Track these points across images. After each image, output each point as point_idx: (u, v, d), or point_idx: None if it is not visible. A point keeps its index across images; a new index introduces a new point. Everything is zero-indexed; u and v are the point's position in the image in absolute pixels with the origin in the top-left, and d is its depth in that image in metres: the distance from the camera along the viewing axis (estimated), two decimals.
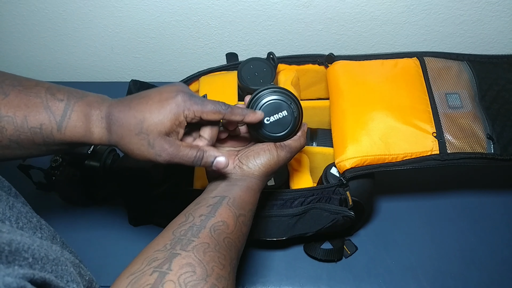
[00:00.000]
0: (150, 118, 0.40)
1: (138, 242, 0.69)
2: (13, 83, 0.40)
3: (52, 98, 0.40)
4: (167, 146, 0.41)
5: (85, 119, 0.41)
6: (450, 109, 0.61)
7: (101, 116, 0.41)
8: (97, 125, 0.41)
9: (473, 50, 0.84)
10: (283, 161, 0.48)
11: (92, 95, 0.43)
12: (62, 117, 0.40)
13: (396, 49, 0.81)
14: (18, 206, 0.34)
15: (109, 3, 0.76)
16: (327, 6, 0.76)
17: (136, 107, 0.41)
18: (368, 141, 0.58)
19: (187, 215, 0.40)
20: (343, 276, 0.65)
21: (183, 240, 0.36)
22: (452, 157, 0.58)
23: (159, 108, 0.40)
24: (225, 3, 0.76)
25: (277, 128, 0.48)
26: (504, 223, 0.71)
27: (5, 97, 0.39)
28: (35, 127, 0.40)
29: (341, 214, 0.58)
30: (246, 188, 0.45)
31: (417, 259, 0.67)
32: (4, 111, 0.39)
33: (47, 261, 0.27)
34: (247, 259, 0.67)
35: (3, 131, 0.39)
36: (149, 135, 0.40)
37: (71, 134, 0.41)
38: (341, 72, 0.67)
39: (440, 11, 0.76)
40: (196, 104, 0.41)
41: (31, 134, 0.40)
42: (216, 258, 0.36)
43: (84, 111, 0.41)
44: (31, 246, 0.26)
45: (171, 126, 0.41)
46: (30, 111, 0.39)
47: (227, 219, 0.40)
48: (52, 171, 0.66)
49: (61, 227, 0.70)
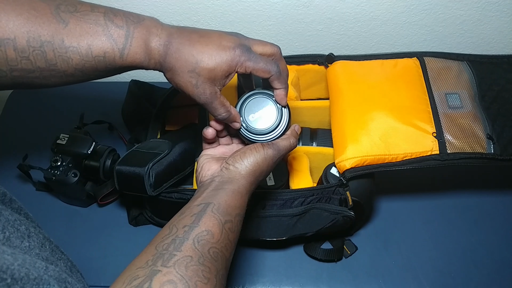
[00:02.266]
0: (205, 62, 0.42)
1: (138, 242, 0.69)
2: (69, 9, 0.40)
3: (112, 24, 0.41)
4: (208, 92, 0.43)
5: (145, 46, 0.42)
6: (450, 109, 0.61)
7: (159, 43, 0.42)
8: (155, 52, 0.43)
9: (473, 50, 0.84)
10: (271, 160, 0.47)
11: (147, 18, 0.44)
12: (124, 44, 0.41)
13: (396, 49, 0.81)
14: (5, 214, 0.33)
15: (109, 3, 0.76)
16: (327, 6, 0.76)
17: (195, 44, 0.42)
18: (368, 141, 0.58)
19: (170, 227, 0.39)
20: (343, 276, 0.65)
21: (165, 255, 0.35)
22: (452, 157, 0.58)
23: (216, 55, 0.42)
24: (225, 3, 0.76)
25: (262, 124, 0.49)
26: (504, 223, 0.71)
27: (65, 26, 0.39)
28: (99, 55, 0.41)
29: (341, 214, 0.58)
30: (233, 191, 0.43)
31: (417, 259, 0.67)
32: (68, 42, 0.39)
33: (28, 281, 0.26)
34: (247, 259, 0.67)
35: (69, 61, 0.40)
36: (199, 76, 0.42)
37: (132, 60, 0.42)
38: (341, 72, 0.67)
39: (440, 11, 0.76)
40: (250, 61, 0.43)
41: (95, 62, 0.41)
42: (199, 272, 0.35)
43: (143, 37, 0.42)
44: (11, 265, 0.25)
45: (221, 76, 0.43)
46: (93, 40, 0.40)
47: (212, 228, 0.39)
48: (52, 171, 0.66)
49: (61, 227, 0.71)
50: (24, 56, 0.38)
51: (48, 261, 0.34)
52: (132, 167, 0.57)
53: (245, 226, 0.58)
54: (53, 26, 0.39)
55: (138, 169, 0.57)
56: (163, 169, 0.59)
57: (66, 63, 0.40)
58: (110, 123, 0.78)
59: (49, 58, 0.39)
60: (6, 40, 0.37)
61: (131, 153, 0.61)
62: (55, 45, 0.39)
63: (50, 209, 0.73)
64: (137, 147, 0.63)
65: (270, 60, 0.45)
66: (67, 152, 0.67)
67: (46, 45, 0.39)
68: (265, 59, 0.45)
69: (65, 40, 0.39)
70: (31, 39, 0.38)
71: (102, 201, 0.70)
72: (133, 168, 0.57)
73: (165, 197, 0.60)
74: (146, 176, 0.56)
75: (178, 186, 0.64)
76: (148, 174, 0.57)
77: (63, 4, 0.40)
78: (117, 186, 0.59)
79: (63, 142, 0.68)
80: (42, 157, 0.69)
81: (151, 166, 0.57)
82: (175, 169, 0.61)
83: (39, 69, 0.40)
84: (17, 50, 0.38)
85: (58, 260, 0.36)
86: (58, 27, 0.39)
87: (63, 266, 0.36)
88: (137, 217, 0.69)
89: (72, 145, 0.67)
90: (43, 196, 0.74)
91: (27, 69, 0.39)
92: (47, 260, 0.34)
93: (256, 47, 0.45)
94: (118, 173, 0.58)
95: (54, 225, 0.70)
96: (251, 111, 0.49)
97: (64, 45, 0.39)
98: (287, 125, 0.49)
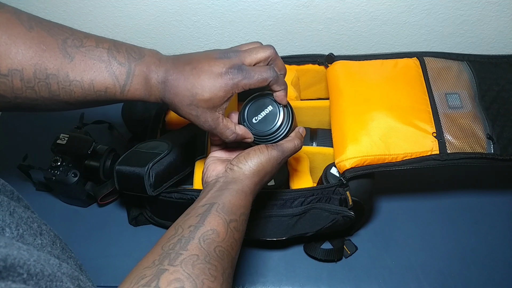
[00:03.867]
0: (200, 94, 0.43)
1: (138, 242, 0.69)
2: (75, 43, 0.42)
3: (115, 61, 0.43)
4: (210, 120, 0.45)
5: (145, 83, 0.44)
6: (450, 109, 0.62)
7: (157, 81, 0.44)
8: (154, 89, 0.44)
9: (473, 50, 0.84)
10: (275, 160, 0.47)
11: (148, 54, 0.45)
12: (125, 81, 0.43)
13: (396, 49, 0.81)
14: (19, 211, 0.34)
15: (109, 3, 0.76)
16: (327, 6, 0.76)
17: (189, 78, 0.43)
18: (368, 141, 0.58)
19: (176, 228, 0.40)
20: (343, 276, 0.65)
21: (171, 254, 0.36)
22: (452, 157, 0.58)
23: (210, 86, 0.43)
24: (225, 3, 0.76)
25: (265, 125, 0.49)
26: (504, 223, 0.71)
27: (71, 61, 0.41)
28: (101, 90, 0.43)
29: (341, 214, 0.58)
30: (237, 191, 0.44)
31: (417, 259, 0.67)
32: (72, 76, 0.41)
33: (42, 277, 0.27)
34: (247, 259, 0.67)
35: (72, 93, 0.42)
36: (198, 108, 0.44)
37: (132, 96, 0.44)
38: (341, 72, 0.67)
39: (440, 11, 0.76)
40: (245, 79, 0.44)
41: (97, 96, 0.43)
42: (206, 270, 0.35)
43: (143, 75, 0.44)
44: (27, 261, 0.26)
45: (219, 103, 0.44)
46: (96, 76, 0.42)
47: (217, 227, 0.39)
48: (52, 171, 0.66)
49: (61, 227, 0.70)
50: (29, 86, 0.40)
51: (60, 259, 0.34)
52: (132, 167, 0.57)
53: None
54: (59, 60, 0.41)
55: (138, 169, 0.57)
56: (163, 169, 0.59)
57: (68, 95, 0.42)
58: (110, 123, 0.78)
59: (53, 90, 0.41)
60: (14, 71, 0.39)
61: (131, 153, 0.61)
62: (59, 78, 0.41)
63: (50, 209, 0.73)
64: (137, 147, 0.63)
65: (265, 68, 0.45)
66: (67, 152, 0.67)
67: (51, 77, 0.41)
68: (259, 69, 0.45)
69: (69, 74, 0.41)
70: (38, 71, 0.40)
71: (102, 201, 0.70)
72: (133, 168, 0.57)
73: (165, 197, 0.60)
74: (146, 176, 0.56)
75: (178, 186, 0.64)
76: (148, 174, 0.57)
77: (70, 38, 0.42)
78: (117, 186, 0.59)
79: (63, 142, 0.68)
80: (42, 157, 0.69)
81: (151, 166, 0.57)
82: (175, 169, 0.61)
83: (42, 98, 0.41)
84: (23, 80, 0.40)
85: (68, 258, 0.36)
86: (64, 61, 0.41)
87: (73, 264, 0.36)
88: (137, 217, 0.69)
89: (72, 145, 0.67)
90: (43, 196, 0.74)
91: (30, 98, 0.41)
92: (58, 258, 0.34)
93: (248, 59, 0.45)
94: (118, 173, 0.58)
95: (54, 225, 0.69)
96: (253, 114, 0.50)
97: (68, 78, 0.41)
98: (291, 124, 0.50)
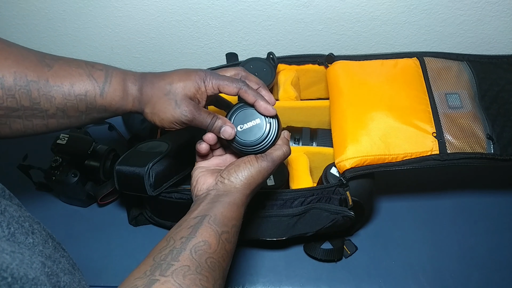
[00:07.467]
0: (176, 82, 0.46)
1: (138, 242, 0.69)
2: (53, 58, 0.45)
3: (93, 68, 0.46)
4: (191, 106, 0.46)
5: (123, 83, 0.46)
6: (450, 109, 0.62)
7: (135, 78, 0.47)
8: (131, 88, 0.47)
9: (473, 50, 0.84)
10: (266, 172, 0.47)
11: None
12: (104, 83, 0.45)
13: (396, 49, 0.81)
14: (10, 210, 0.34)
15: (109, 3, 0.76)
16: (327, 6, 0.76)
17: (164, 76, 0.47)
18: (368, 141, 0.58)
19: (168, 239, 0.40)
20: (343, 276, 0.65)
21: (163, 265, 0.36)
22: (452, 157, 0.58)
23: (185, 77, 0.47)
24: (225, 3, 0.76)
25: (251, 135, 0.48)
26: (504, 223, 0.71)
27: (50, 69, 0.43)
28: (81, 94, 0.44)
29: (341, 214, 0.58)
30: (229, 203, 0.44)
31: (417, 259, 0.67)
32: (52, 82, 0.43)
33: (27, 281, 0.27)
34: (247, 259, 0.67)
35: (52, 100, 0.43)
36: (176, 95, 0.46)
37: (111, 98, 0.46)
38: (341, 72, 0.67)
39: (440, 11, 0.76)
40: (213, 77, 0.47)
41: (77, 101, 0.44)
42: (197, 281, 0.35)
43: (121, 76, 0.47)
44: (10, 265, 0.26)
45: (195, 93, 0.47)
46: (76, 80, 0.44)
47: (209, 238, 0.40)
48: (52, 171, 0.66)
49: (61, 227, 0.71)
50: (10, 94, 0.41)
51: (51, 258, 0.34)
52: (132, 167, 0.57)
53: (245, 226, 0.58)
54: (39, 68, 0.43)
55: (138, 169, 0.57)
56: (163, 169, 0.59)
57: (49, 102, 0.43)
58: (110, 123, 0.78)
59: (33, 97, 0.42)
60: None
61: (131, 153, 0.61)
62: (40, 84, 0.42)
63: (50, 209, 0.73)
64: (137, 147, 0.63)
65: (234, 78, 0.49)
66: (67, 152, 0.67)
67: (32, 84, 0.42)
68: (229, 77, 0.49)
69: (49, 80, 0.43)
70: (18, 78, 0.41)
71: (102, 201, 0.70)
72: (133, 168, 0.57)
73: (165, 197, 0.60)
74: (146, 176, 0.56)
75: (178, 186, 0.64)
76: (148, 174, 0.57)
77: (47, 55, 0.45)
78: (117, 186, 0.59)
79: (63, 142, 0.68)
80: (42, 157, 0.69)
81: (151, 166, 0.57)
82: (175, 169, 0.61)
83: (22, 108, 0.42)
84: (4, 88, 0.41)
85: (61, 257, 0.36)
86: (43, 70, 0.43)
87: (65, 263, 0.36)
88: (137, 217, 0.69)
89: (72, 145, 0.67)
90: (43, 196, 0.74)
91: (11, 107, 0.42)
92: (49, 257, 0.34)
93: (219, 72, 0.49)
94: (118, 173, 0.58)
95: (54, 225, 0.70)
96: (239, 123, 0.49)
97: (49, 84, 0.43)
98: (276, 134, 0.49)
